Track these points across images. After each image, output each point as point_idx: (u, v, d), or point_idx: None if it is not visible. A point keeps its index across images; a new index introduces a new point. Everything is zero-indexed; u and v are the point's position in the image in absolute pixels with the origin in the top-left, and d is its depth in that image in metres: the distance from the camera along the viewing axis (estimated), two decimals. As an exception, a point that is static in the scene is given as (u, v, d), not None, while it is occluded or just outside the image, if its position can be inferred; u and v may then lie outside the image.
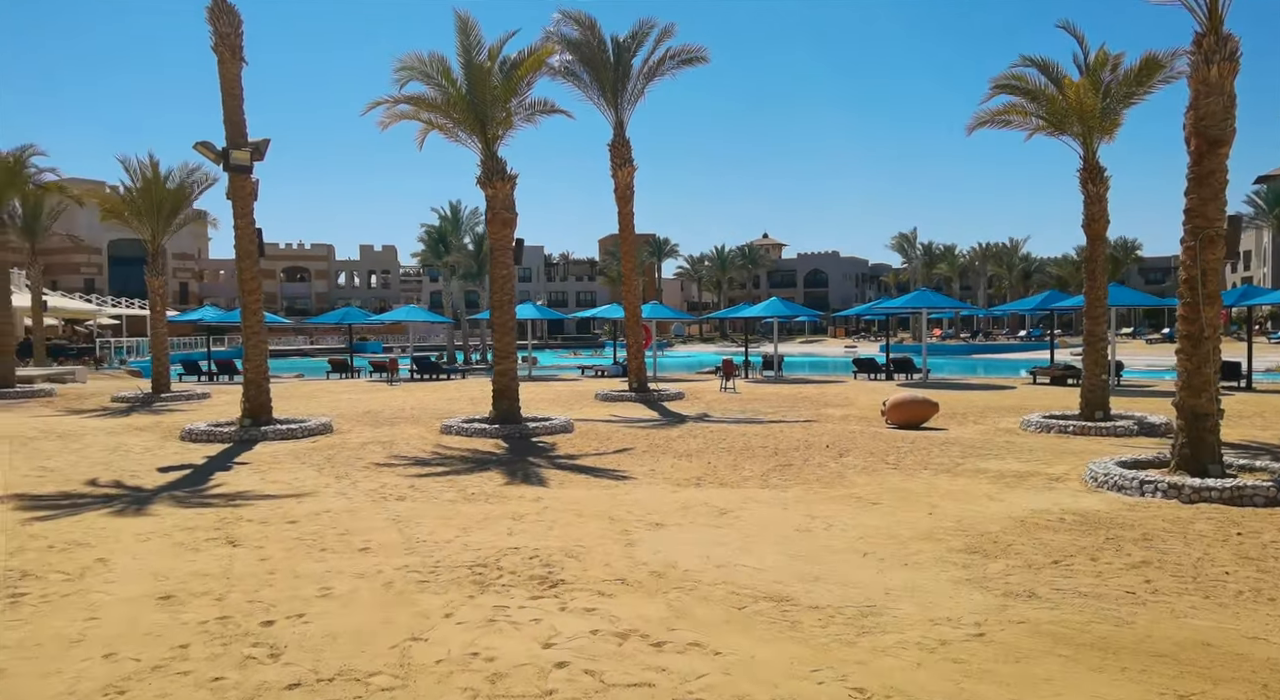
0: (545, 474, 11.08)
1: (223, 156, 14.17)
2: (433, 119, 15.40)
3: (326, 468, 11.60)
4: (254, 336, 15.06)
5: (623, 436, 14.65)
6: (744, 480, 10.61)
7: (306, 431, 14.76)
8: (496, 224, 15.23)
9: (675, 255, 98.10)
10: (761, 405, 20.34)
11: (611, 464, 11.85)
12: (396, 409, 20.13)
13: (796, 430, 15.37)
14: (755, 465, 11.66)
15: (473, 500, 9.37)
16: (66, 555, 6.96)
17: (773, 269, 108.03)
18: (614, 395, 21.84)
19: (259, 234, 14.96)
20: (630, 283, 22.34)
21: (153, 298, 24.37)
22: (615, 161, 21.63)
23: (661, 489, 10.06)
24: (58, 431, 15.78)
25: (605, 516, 8.55)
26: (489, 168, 15.18)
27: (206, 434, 14.32)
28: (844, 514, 8.66)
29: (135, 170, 23.68)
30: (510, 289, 15.42)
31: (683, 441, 14.03)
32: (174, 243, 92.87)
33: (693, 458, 12.36)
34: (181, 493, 9.84)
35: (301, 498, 9.53)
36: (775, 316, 31.65)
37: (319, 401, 22.46)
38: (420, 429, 15.78)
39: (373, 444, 13.83)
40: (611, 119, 21.59)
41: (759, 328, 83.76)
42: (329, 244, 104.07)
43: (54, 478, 10.82)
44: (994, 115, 16.42)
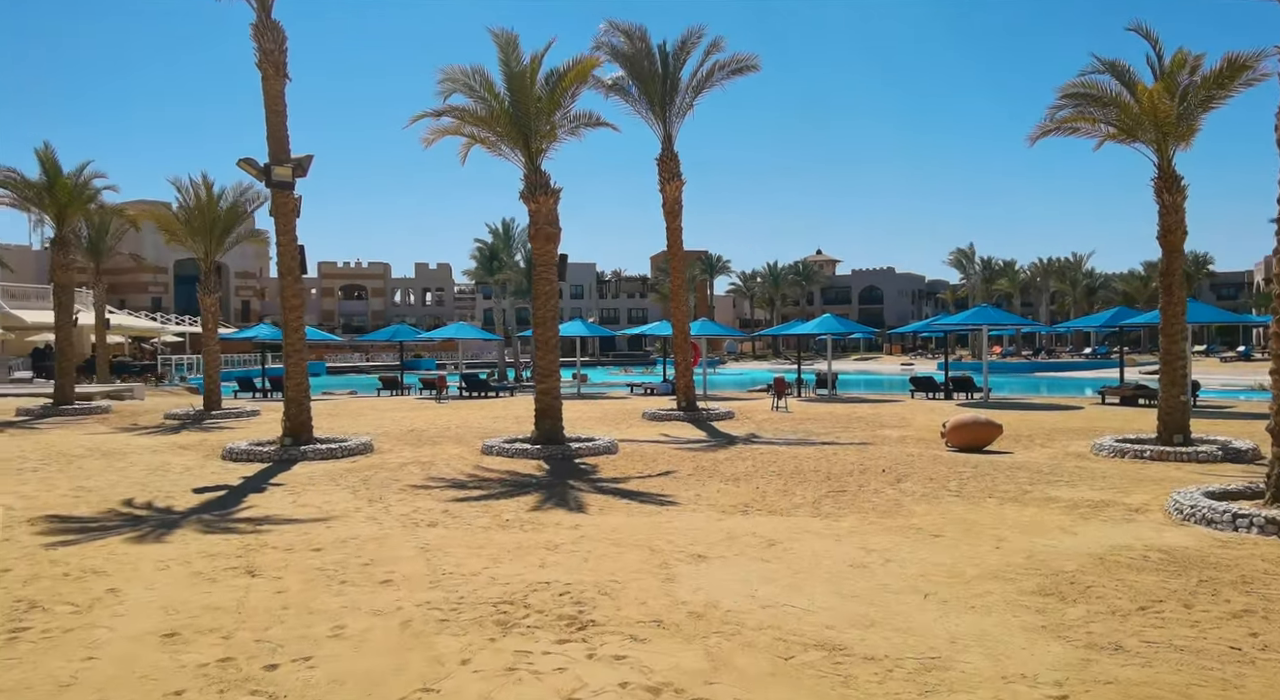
0: (585, 499, 10.60)
1: (265, 173, 14.08)
2: (475, 133, 15.16)
3: (361, 490, 11.28)
4: (295, 354, 14.90)
5: (668, 458, 14.12)
6: (794, 508, 10.00)
7: (346, 451, 14.52)
8: (540, 239, 14.89)
9: (727, 272, 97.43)
10: (814, 425, 19.63)
11: (655, 488, 11.32)
12: (441, 427, 19.87)
13: (851, 453, 14.67)
14: (807, 491, 11.03)
15: (507, 527, 8.93)
16: (79, 585, 6.66)
17: (826, 285, 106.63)
18: (661, 414, 21.32)
19: (301, 251, 14.83)
20: (678, 299, 21.85)
21: (205, 315, 24.56)
22: (663, 176, 21.21)
23: (706, 516, 9.51)
24: (104, 449, 15.80)
25: (645, 547, 8.02)
26: (532, 182, 14.86)
27: (246, 453, 14.15)
28: (903, 547, 8.01)
29: (188, 190, 23.97)
30: (553, 305, 15.04)
31: (731, 464, 13.45)
32: (236, 261, 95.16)
33: (740, 482, 11.77)
34: (210, 516, 9.57)
35: (330, 523, 9.18)
36: (829, 334, 30.86)
37: (365, 419, 22.34)
38: (462, 449, 15.44)
39: (412, 465, 13.51)
40: (659, 132, 21.20)
41: (812, 345, 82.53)
42: (385, 262, 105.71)
43: (90, 498, 10.66)
44: (1060, 124, 15.62)
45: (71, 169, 25.51)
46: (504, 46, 14.41)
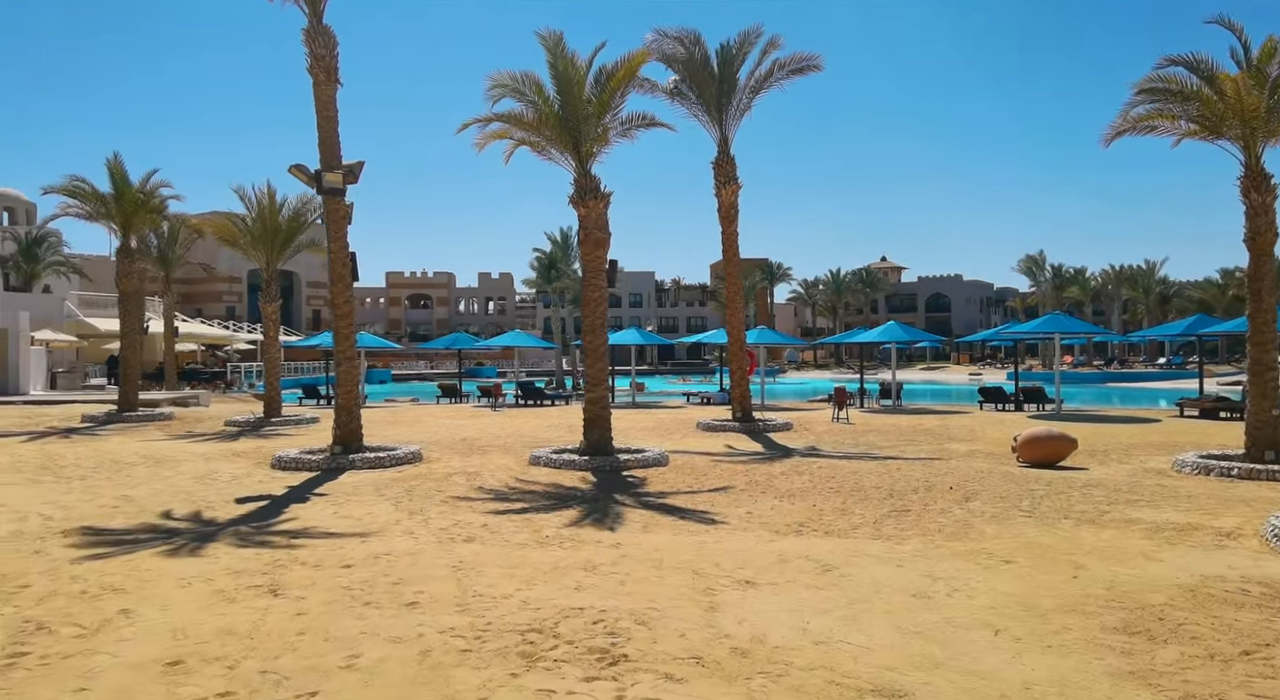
0: (629, 515, 10.13)
1: (316, 179, 13.98)
2: (525, 137, 14.87)
3: (404, 501, 10.99)
4: (346, 362, 14.76)
5: (720, 472, 13.57)
6: (853, 528, 9.38)
7: (395, 460, 14.30)
8: (589, 244, 14.51)
9: (788, 279, 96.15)
10: (877, 438, 18.86)
11: (704, 504, 10.79)
12: (493, 436, 19.62)
13: (915, 468, 13.93)
14: (867, 510, 10.39)
15: (545, 545, 8.50)
16: (94, 604, 6.41)
17: (891, 293, 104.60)
18: (716, 425, 20.75)
19: (353, 258, 14.71)
20: (733, 306, 21.27)
21: (266, 323, 24.82)
22: (719, 179, 20.69)
23: (757, 537, 8.95)
24: (157, 457, 15.86)
25: (689, 569, 7.51)
26: (581, 186, 14.50)
27: (295, 462, 14.03)
28: (971, 575, 7.36)
29: (250, 199, 24.26)
30: (602, 312, 14.64)
31: (786, 479, 12.84)
32: (307, 271, 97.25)
33: (796, 499, 11.17)
34: (247, 528, 9.35)
35: (366, 537, 8.88)
36: (893, 342, 29.91)
37: (421, 427, 22.24)
38: (510, 459, 15.11)
39: (458, 475, 13.21)
40: (715, 135, 20.71)
41: (876, 354, 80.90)
42: (450, 272, 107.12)
43: (130, 508, 10.56)
44: (1136, 122, 14.70)
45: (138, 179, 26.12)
46: (551, 48, 14.09)
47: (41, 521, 9.68)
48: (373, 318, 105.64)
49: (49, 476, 13.34)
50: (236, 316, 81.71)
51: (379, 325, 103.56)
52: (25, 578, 7.19)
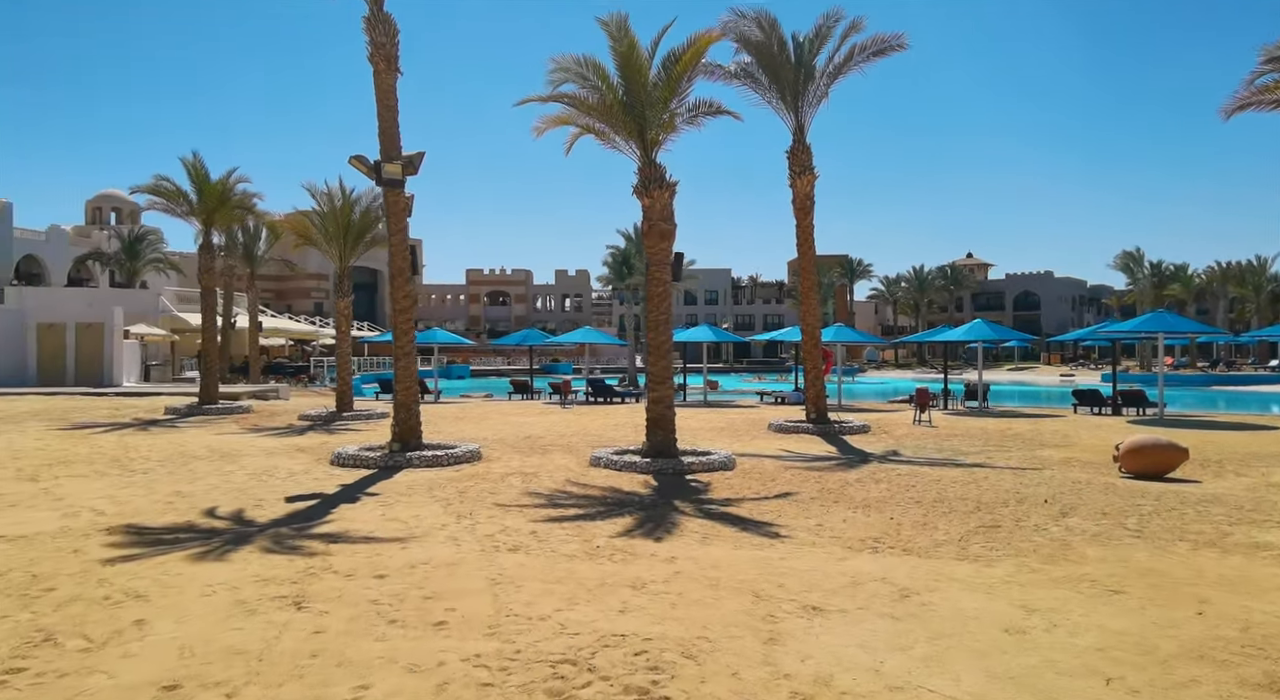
0: (688, 524, 9.41)
1: (375, 171, 13.66)
2: (589, 124, 14.27)
3: (454, 503, 10.51)
4: (405, 358, 14.42)
5: (790, 478, 12.74)
6: (935, 546, 8.49)
7: (453, 458, 13.90)
8: (653, 236, 13.83)
9: (869, 276, 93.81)
10: (962, 443, 17.71)
11: (770, 514, 10.01)
12: (557, 434, 19.14)
13: (1005, 477, 12.86)
14: (952, 524, 9.46)
15: (594, 556, 7.86)
16: (111, 613, 6.03)
17: (977, 291, 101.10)
18: (789, 426, 19.85)
19: (413, 252, 14.36)
20: (808, 301, 20.31)
21: (338, 319, 24.89)
22: (794, 169, 19.77)
23: (827, 553, 8.14)
24: (223, 450, 15.82)
25: (748, 591, 6.77)
26: (646, 175, 13.83)
27: (353, 459, 13.74)
28: (1073, 606, 6.44)
29: (322, 196, 24.35)
30: (667, 307, 13.94)
31: (862, 487, 11.94)
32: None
33: (872, 510, 10.29)
34: (289, 530, 8.97)
35: (407, 543, 8.39)
36: (980, 341, 28.42)
37: (488, 424, 21.93)
38: (570, 459, 14.56)
39: (514, 476, 12.70)
40: (790, 123, 19.78)
41: (961, 353, 78.16)
42: (527, 269, 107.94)
43: (181, 505, 10.34)
44: (1260, 93, 13.32)
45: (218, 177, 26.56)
46: (614, 32, 13.43)
47: (92, 517, 9.50)
48: (453, 314, 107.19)
49: (116, 469, 13.34)
50: (324, 312, 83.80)
51: (459, 321, 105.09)
52: (54, 579, 6.89)
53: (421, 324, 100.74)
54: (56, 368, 35.70)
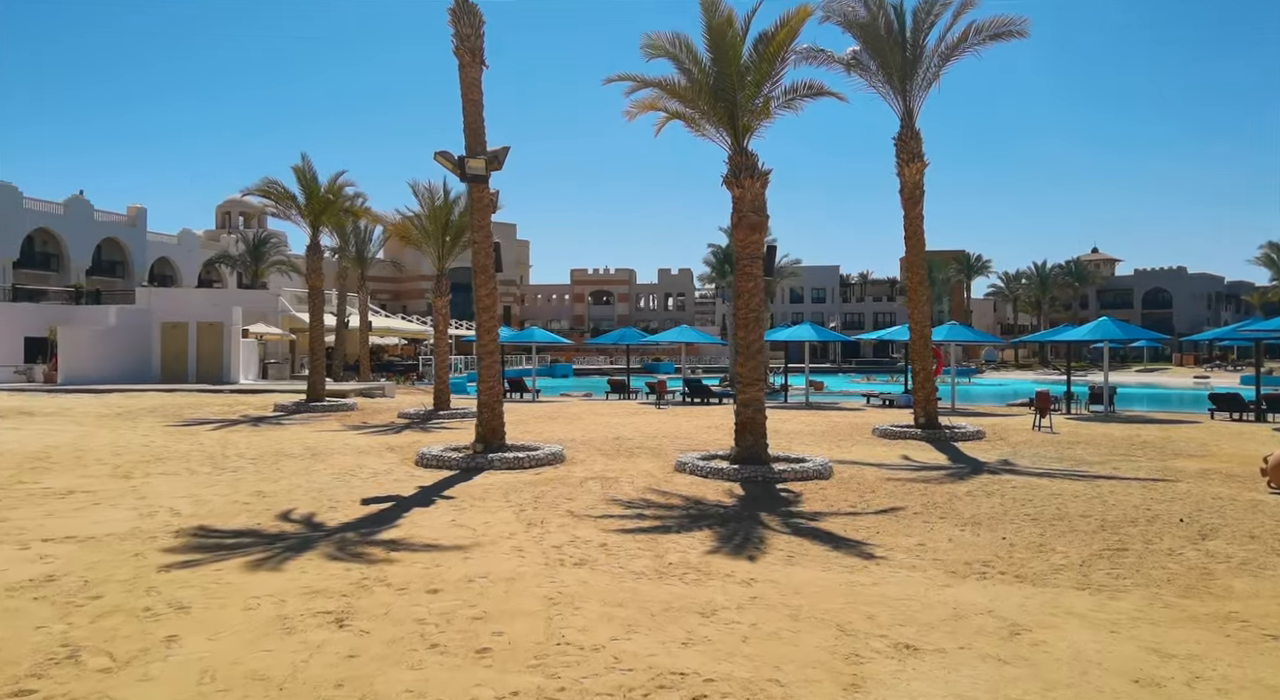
0: (772, 541, 8.66)
1: (459, 165, 13.38)
2: (679, 109, 13.61)
3: (528, 509, 10.06)
4: (487, 357, 14.11)
5: (891, 489, 11.78)
6: (1053, 571, 7.49)
7: (535, 461, 13.50)
8: (743, 229, 13.07)
9: (987, 272, 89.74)
10: (1086, 451, 16.25)
11: (866, 531, 9.15)
12: (648, 436, 18.58)
13: (1134, 492, 11.56)
14: (1072, 546, 8.41)
15: (664, 575, 7.22)
16: (145, 626, 5.76)
17: (1104, 287, 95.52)
18: (895, 431, 18.70)
19: (496, 249, 14.06)
20: (917, 297, 19.09)
21: (436, 317, 25.03)
22: (902, 157, 18.60)
23: (927, 578, 7.27)
24: (317, 449, 15.90)
25: (833, 623, 6.01)
26: (737, 163, 13.09)
27: (436, 460, 13.51)
28: (1219, 654, 5.44)
29: (424, 195, 24.52)
30: (757, 305, 13.16)
31: (972, 501, 10.90)
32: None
33: (981, 528, 9.30)
34: (354, 535, 8.67)
35: (470, 552, 7.95)
36: (1106, 340, 26.39)
37: (579, 424, 21.57)
38: (655, 464, 13.95)
39: (594, 481, 12.18)
40: (898, 108, 18.63)
41: (1086, 354, 73.92)
42: (631, 268, 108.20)
43: (257, 506, 10.23)
44: None
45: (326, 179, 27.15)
46: (707, 6, 12.72)
47: (167, 518, 9.45)
48: (558, 314, 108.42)
49: (208, 467, 13.49)
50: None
51: (564, 321, 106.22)
52: (105, 586, 6.71)
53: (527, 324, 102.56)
54: (179, 365, 37.40)
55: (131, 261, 63.48)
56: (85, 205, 59.22)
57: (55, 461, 13.95)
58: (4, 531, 8.68)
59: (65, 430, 18.90)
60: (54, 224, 56.73)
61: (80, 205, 58.80)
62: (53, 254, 58.07)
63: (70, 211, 57.97)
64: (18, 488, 11.30)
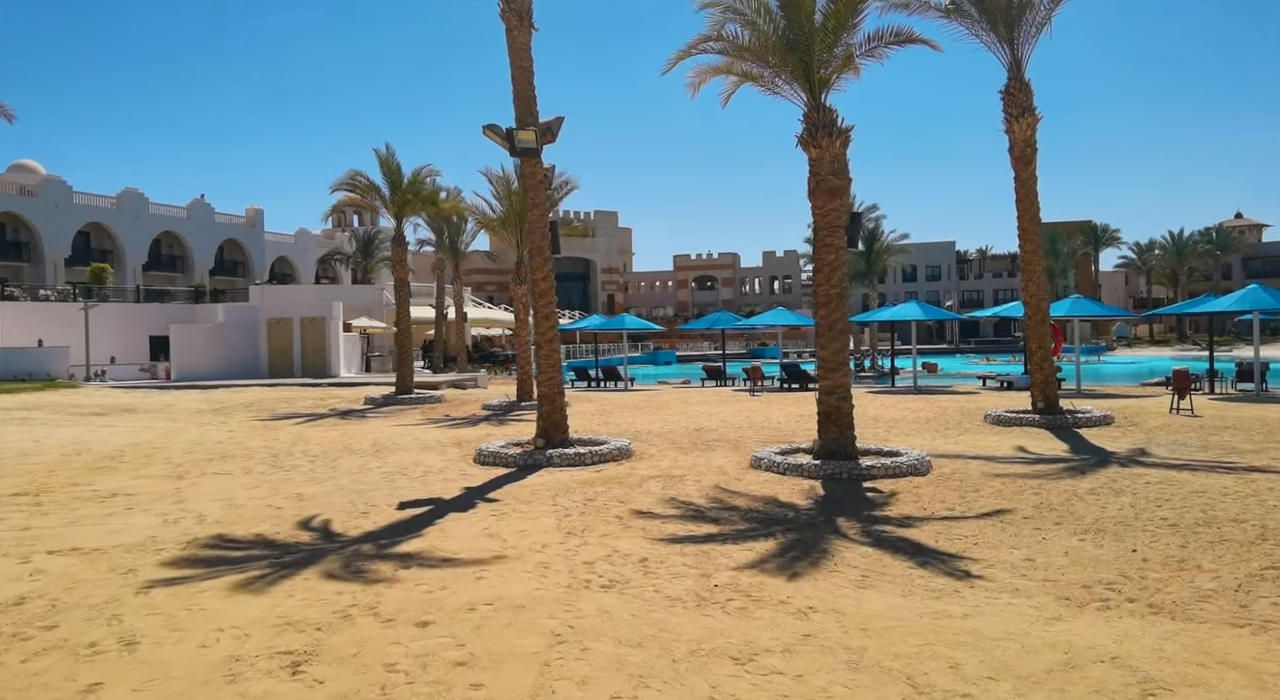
0: (846, 554, 7.30)
1: (508, 139, 12.38)
2: (748, 69, 12.24)
3: (574, 514, 8.99)
4: (546, 345, 13.10)
5: (999, 487, 10.16)
6: (1199, 599, 5.91)
7: (598, 457, 12.44)
8: (822, 194, 11.58)
9: (1117, 243, 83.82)
10: (1234, 438, 14.06)
11: (963, 541, 7.67)
12: (733, 426, 17.28)
13: (1302, 490, 9.61)
14: (1223, 563, 6.75)
15: (704, 603, 6.01)
16: (74, 669, 4.94)
17: (1249, 255, 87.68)
18: (1009, 417, 16.79)
19: (553, 227, 13.02)
20: (1032, 268, 17.05)
21: (516, 306, 24.33)
22: (1010, 112, 16.60)
23: (1035, 606, 5.82)
24: (384, 444, 15.32)
25: (903, 676, 4.69)
26: (813, 121, 11.61)
27: (494, 456, 12.62)
28: None
29: (499, 180, 23.81)
30: (840, 279, 11.67)
31: (1095, 501, 9.22)
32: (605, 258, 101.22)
33: (1106, 537, 7.69)
34: (371, 547, 7.79)
35: (489, 569, 6.93)
36: (1257, 310, 23.43)
37: (663, 414, 20.43)
38: (732, 458, 12.67)
39: (658, 479, 11.01)
40: (1004, 58, 16.61)
41: (1230, 327, 68.03)
42: (735, 252, 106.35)
43: (288, 511, 9.53)
44: None
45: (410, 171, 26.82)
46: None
47: (188, 526, 8.83)
48: (662, 300, 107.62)
49: (266, 466, 13.00)
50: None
51: (669, 307, 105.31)
52: (69, 612, 6.00)
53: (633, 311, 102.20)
54: (285, 360, 38.20)
55: (251, 261, 65.96)
56: (206, 208, 61.75)
57: (125, 461, 13.78)
58: (18, 541, 8.20)
59: (156, 427, 19.05)
60: (178, 227, 59.36)
61: (201, 208, 61.32)
62: (178, 256, 60.82)
63: (192, 215, 60.55)
64: (66, 491, 10.99)
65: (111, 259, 53.74)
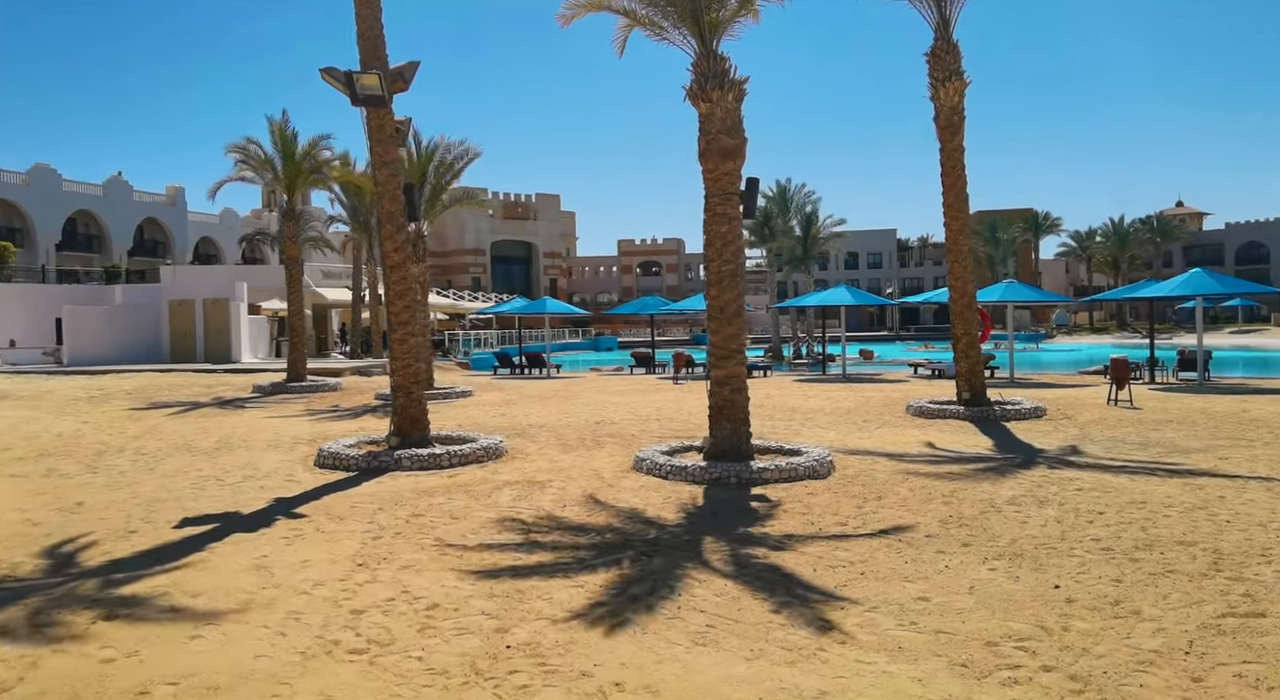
0: (698, 592, 5.70)
1: (349, 84, 10.50)
2: (630, 7, 10.55)
3: (384, 537, 7.27)
4: (401, 329, 11.31)
5: (905, 494, 8.67)
6: (1137, 665, 4.42)
7: (459, 458, 10.71)
8: (713, 155, 9.96)
9: (1058, 231, 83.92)
10: (1177, 434, 12.81)
11: (846, 570, 6.13)
12: (639, 418, 15.69)
13: (1255, 497, 8.27)
14: (1168, 605, 5.30)
15: (474, 682, 4.34)
16: None
17: (1190, 243, 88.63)
18: (932, 408, 15.44)
19: (409, 191, 11.22)
20: (957, 250, 15.68)
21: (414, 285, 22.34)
22: (936, 76, 15.15)
23: (915, 680, 4.27)
24: (234, 441, 13.41)
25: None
26: (703, 71, 9.99)
27: (334, 458, 10.78)
28: None
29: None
30: (733, 254, 10.08)
31: (1016, 514, 7.77)
32: (544, 241, 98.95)
33: (1024, 564, 6.20)
34: (93, 585, 5.97)
35: (219, 621, 5.21)
36: (1200, 296, 22.46)
37: (571, 404, 18.76)
38: (617, 458, 11.03)
39: (516, 487, 9.32)
40: (931, 17, 15.17)
41: (1171, 315, 68.40)
42: (680, 238, 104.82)
43: (47, 527, 7.71)
44: None
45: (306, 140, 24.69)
46: None
47: (-110, 551, 6.93)
48: (607, 286, 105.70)
49: (80, 466, 11.10)
50: (482, 287, 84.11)
51: (613, 293, 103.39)
52: None
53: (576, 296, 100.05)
54: (187, 344, 35.76)
55: (173, 241, 62.91)
56: (124, 186, 58.48)
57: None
58: None
59: (8, 416, 16.94)
60: (94, 205, 56.07)
61: (119, 186, 58.05)
62: (95, 236, 57.48)
63: (109, 193, 57.26)
64: None
65: (21, 238, 50.46)
